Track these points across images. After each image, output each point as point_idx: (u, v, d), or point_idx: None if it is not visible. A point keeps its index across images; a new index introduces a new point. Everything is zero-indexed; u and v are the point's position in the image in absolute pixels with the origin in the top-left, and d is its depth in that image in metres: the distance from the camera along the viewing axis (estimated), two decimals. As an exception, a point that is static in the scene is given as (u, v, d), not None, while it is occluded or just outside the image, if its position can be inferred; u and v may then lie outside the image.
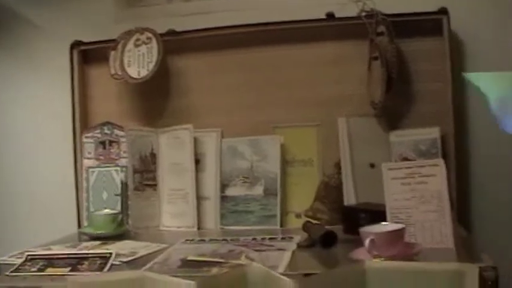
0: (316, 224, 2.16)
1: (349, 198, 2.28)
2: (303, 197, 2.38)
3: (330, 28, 2.45)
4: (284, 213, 2.41)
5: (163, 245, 2.09)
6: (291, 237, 2.15)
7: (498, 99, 2.41)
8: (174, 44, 2.55)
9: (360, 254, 1.80)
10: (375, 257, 1.76)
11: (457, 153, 2.33)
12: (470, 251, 1.88)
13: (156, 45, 2.50)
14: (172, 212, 2.48)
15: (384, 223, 1.87)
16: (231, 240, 2.16)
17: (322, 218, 2.26)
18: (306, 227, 2.14)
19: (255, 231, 2.28)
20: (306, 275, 1.69)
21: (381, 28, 2.31)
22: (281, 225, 2.38)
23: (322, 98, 2.45)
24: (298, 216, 2.37)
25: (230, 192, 2.46)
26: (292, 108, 2.47)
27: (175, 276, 1.63)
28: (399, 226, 1.83)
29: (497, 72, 2.39)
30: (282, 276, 1.63)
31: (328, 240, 2.00)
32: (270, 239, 2.15)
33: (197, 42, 2.56)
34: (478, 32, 2.39)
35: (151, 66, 2.48)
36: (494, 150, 2.39)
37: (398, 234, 1.81)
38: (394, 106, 2.38)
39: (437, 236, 1.89)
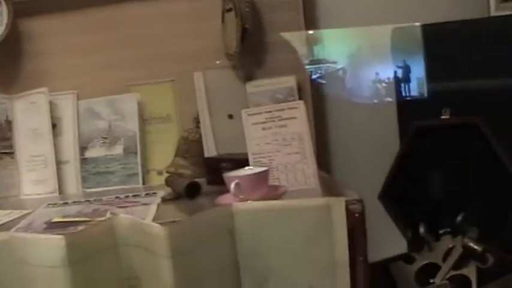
0: (178, 176, 2.15)
1: (210, 151, 2.28)
2: (163, 153, 2.36)
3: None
4: (146, 171, 2.38)
5: (26, 211, 2.03)
6: (155, 193, 2.13)
7: (350, 53, 2.47)
8: (25, 5, 2.46)
9: (225, 199, 1.81)
10: (241, 200, 1.76)
11: (314, 101, 2.36)
12: (334, 189, 1.92)
13: (5, 7, 2.40)
14: (33, 179, 2.40)
15: (247, 168, 1.88)
16: (94, 200, 2.11)
17: (185, 173, 2.24)
18: (169, 181, 2.13)
19: (118, 191, 2.24)
20: (174, 222, 1.67)
21: (233, -20, 2.31)
22: (143, 183, 2.35)
23: (177, 53, 2.43)
24: (160, 173, 2.35)
25: (90, 154, 2.41)
26: (147, 65, 2.44)
27: (43, 234, 1.58)
28: (263, 169, 1.83)
29: (348, 26, 2.43)
30: (151, 223, 1.61)
31: (192, 190, 1.99)
32: (134, 196, 2.13)
33: (47, 3, 2.47)
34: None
35: (1, 29, 2.38)
36: (348, 96, 2.44)
37: (262, 176, 1.82)
38: (250, 57, 2.39)
39: (301, 178, 1.92)
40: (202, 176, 2.19)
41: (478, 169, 2.04)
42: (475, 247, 1.91)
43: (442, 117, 2.06)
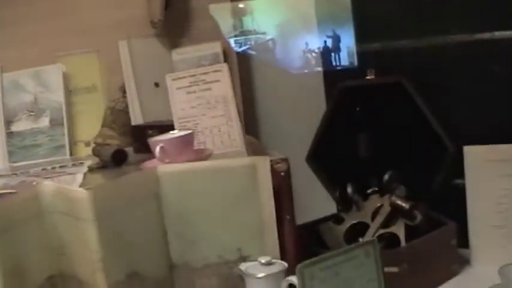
0: (105, 145, 2.12)
1: (137, 120, 2.26)
2: (90, 124, 2.33)
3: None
4: (73, 142, 2.35)
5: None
6: (82, 163, 2.11)
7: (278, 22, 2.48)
8: None
9: (151, 164, 1.79)
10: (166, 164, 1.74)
11: (240, 66, 2.36)
12: (260, 151, 1.91)
13: None
14: (-42, 156, 2.35)
15: (172, 132, 1.86)
16: (21, 173, 2.08)
17: (113, 144, 2.22)
18: (95, 151, 2.11)
19: (46, 164, 2.21)
20: (97, 186, 1.65)
21: None
22: (71, 155, 2.32)
23: (102, 23, 2.40)
24: (87, 144, 2.32)
25: (16, 128, 2.37)
26: (72, 35, 2.40)
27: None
28: (187, 132, 1.82)
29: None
30: (74, 188, 1.60)
31: (118, 158, 1.98)
32: (61, 167, 2.10)
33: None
34: None
35: None
36: (275, 63, 2.44)
37: (187, 139, 1.81)
38: (175, 25, 2.37)
39: (226, 141, 1.91)
40: (130, 145, 2.17)
41: (404, 128, 2.06)
42: (403, 205, 1.93)
43: (367, 77, 2.06)
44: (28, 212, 1.62)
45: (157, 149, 1.77)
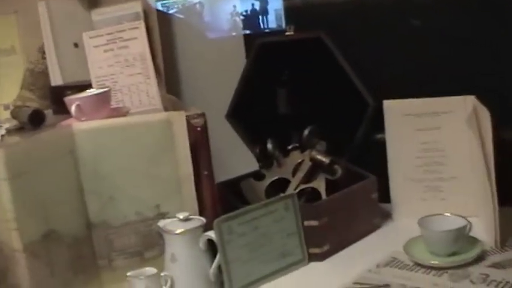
0: (24, 107, 2.08)
1: (56, 81, 2.22)
2: (10, 87, 2.29)
3: None
4: (-8, 105, 2.30)
5: None
6: (1, 126, 2.06)
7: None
8: None
9: (68, 123, 1.76)
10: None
11: (163, 26, 2.33)
12: (179, 108, 1.90)
13: None
14: None
15: (89, 90, 1.84)
16: None
17: (32, 106, 2.18)
18: (14, 113, 2.06)
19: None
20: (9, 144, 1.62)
21: None
22: (-11, 118, 2.27)
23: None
24: (7, 107, 2.28)
25: None
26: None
27: None
28: (103, 89, 1.80)
29: None
30: None
31: (36, 119, 1.93)
32: (-21, 130, 2.04)
33: None
34: None
35: None
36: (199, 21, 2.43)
37: (103, 97, 1.80)
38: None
39: (145, 99, 1.90)
40: (50, 107, 2.13)
41: (325, 84, 2.06)
42: (323, 159, 1.94)
43: (286, 33, 2.05)
44: None
45: (73, 107, 1.74)
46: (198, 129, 1.75)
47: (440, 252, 1.71)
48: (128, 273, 1.66)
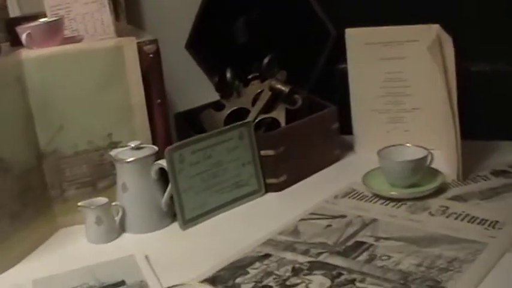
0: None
1: (15, 12, 2.15)
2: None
3: None
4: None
5: None
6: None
7: None
8: None
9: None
10: (33, 51, 1.68)
11: None
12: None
13: None
14: None
15: (41, 19, 1.79)
16: None
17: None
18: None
19: None
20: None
21: None
22: None
23: None
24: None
25: None
26: None
27: None
28: (55, 18, 1.76)
29: None
30: None
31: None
32: None
33: None
34: None
35: None
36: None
37: (55, 25, 1.75)
38: None
39: (99, 28, 1.84)
40: (7, 39, 2.08)
41: (286, 12, 2.01)
42: (282, 88, 1.90)
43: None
44: None
45: (24, 36, 1.71)
46: (151, 55, 1.72)
47: (399, 184, 1.69)
48: (79, 203, 1.62)
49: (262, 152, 1.77)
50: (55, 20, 1.75)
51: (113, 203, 1.65)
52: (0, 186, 1.55)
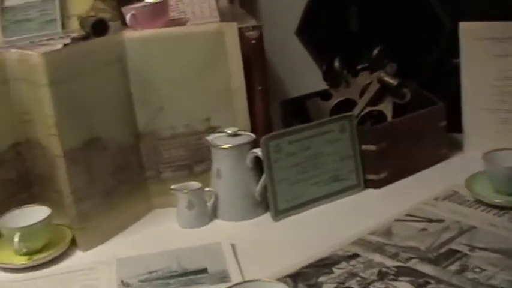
0: (89, 16, 2.05)
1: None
2: (84, -3, 2.25)
3: None
4: (66, 16, 2.27)
5: None
6: (69, 35, 2.04)
7: None
8: None
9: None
10: (137, 32, 1.68)
11: None
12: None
13: None
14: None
15: (147, 0, 1.79)
16: (8, 46, 2.03)
17: (105, 17, 2.14)
18: (81, 22, 2.03)
19: (37, 37, 2.16)
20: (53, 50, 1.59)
21: None
22: (63, 29, 2.26)
23: None
24: (80, 18, 2.24)
25: (9, 2, 2.30)
26: None
27: None
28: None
29: None
30: (31, 52, 1.57)
31: (98, 28, 1.89)
32: (48, 39, 2.04)
33: None
34: None
35: None
36: None
37: (160, 7, 1.76)
38: None
39: (206, 11, 1.84)
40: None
41: (400, 2, 1.94)
42: (391, 81, 1.83)
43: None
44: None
45: (128, 16, 1.72)
46: (253, 41, 1.69)
47: (504, 190, 1.58)
48: (172, 186, 1.61)
49: (364, 147, 1.70)
50: (160, 2, 1.75)
51: (206, 189, 1.62)
52: (95, 164, 1.56)
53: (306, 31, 2.00)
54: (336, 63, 1.90)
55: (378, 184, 1.72)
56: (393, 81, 1.82)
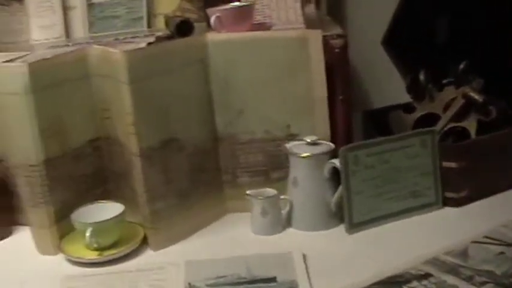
0: (175, 16, 2.06)
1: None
2: (171, -3, 2.26)
3: None
4: (153, 15, 2.29)
5: (25, 53, 1.97)
6: (153, 34, 2.05)
7: None
8: None
9: (207, 33, 1.72)
10: (220, 34, 1.67)
11: None
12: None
13: None
14: (40, 25, 2.35)
15: (233, 3, 1.78)
16: (93, 42, 2.05)
17: (191, 18, 2.15)
18: (167, 21, 2.04)
19: (122, 35, 2.17)
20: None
21: None
22: (149, 27, 2.27)
23: None
24: (166, 17, 2.25)
25: (97, -1, 2.34)
26: None
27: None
28: (246, 3, 1.74)
29: None
30: (113, 50, 1.58)
31: (183, 28, 1.90)
32: (133, 37, 2.05)
33: None
34: None
35: None
36: None
37: (245, 11, 1.75)
38: None
39: (292, 16, 1.82)
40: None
41: (491, 17, 1.88)
42: (476, 97, 1.78)
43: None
44: (74, 72, 1.63)
45: (213, 19, 1.71)
46: (337, 50, 1.66)
47: None
48: (247, 192, 1.60)
49: (444, 163, 1.66)
50: (246, 5, 1.75)
51: (282, 196, 1.60)
52: (172, 164, 1.56)
53: (392, 41, 1.96)
54: (421, 76, 1.86)
55: (457, 203, 1.67)
56: (479, 98, 1.77)
